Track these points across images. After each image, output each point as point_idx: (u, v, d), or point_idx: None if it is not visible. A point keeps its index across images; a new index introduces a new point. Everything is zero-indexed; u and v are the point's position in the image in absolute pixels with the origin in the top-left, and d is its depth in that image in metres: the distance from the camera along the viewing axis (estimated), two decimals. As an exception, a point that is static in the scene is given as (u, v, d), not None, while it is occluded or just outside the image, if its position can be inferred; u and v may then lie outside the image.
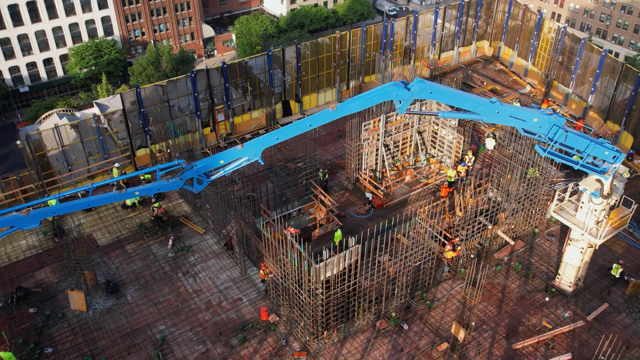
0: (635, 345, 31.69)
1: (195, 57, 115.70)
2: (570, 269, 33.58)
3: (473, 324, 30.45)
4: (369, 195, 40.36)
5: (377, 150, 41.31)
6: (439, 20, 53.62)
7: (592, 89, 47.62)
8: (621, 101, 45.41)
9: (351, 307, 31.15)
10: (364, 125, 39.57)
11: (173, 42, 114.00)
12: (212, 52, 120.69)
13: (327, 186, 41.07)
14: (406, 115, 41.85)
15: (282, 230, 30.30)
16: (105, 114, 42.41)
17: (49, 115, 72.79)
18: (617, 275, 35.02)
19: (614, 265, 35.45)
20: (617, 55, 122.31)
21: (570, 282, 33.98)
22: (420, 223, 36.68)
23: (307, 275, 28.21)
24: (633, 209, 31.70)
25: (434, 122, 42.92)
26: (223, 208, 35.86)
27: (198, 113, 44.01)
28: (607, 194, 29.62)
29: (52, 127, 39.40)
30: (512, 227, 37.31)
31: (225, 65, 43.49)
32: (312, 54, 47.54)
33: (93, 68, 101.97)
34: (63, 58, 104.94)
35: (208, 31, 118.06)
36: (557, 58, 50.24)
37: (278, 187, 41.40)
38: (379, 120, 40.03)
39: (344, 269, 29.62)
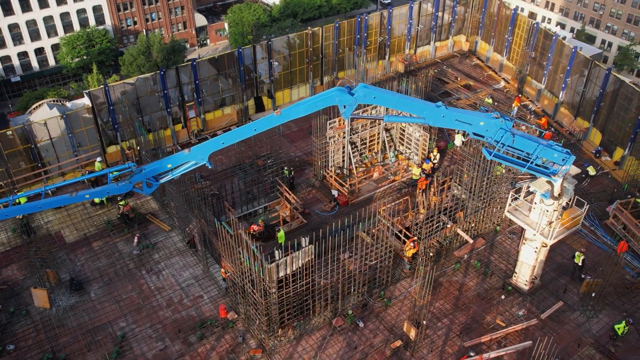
0: (587, 343, 32.24)
1: (188, 46, 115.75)
2: (526, 267, 34.06)
3: (424, 322, 31.04)
4: (335, 192, 40.82)
5: (343, 147, 41.68)
6: (414, 15, 53.67)
7: (563, 86, 47.77)
8: (590, 98, 45.56)
9: (306, 306, 31.76)
10: (329, 123, 39.91)
11: (165, 31, 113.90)
12: (205, 41, 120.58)
13: (293, 183, 41.52)
14: (372, 111, 42.15)
15: (239, 230, 30.86)
16: (79, 109, 42.68)
17: (39, 105, 73.28)
18: (580, 263, 35.53)
19: (577, 253, 36.04)
20: (610, 45, 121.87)
21: (526, 281, 34.47)
22: (381, 221, 37.28)
23: (258, 275, 28.78)
24: (585, 209, 32.07)
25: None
26: (185, 206, 36.38)
27: (168, 110, 44.40)
28: (558, 195, 30.05)
29: (42, 120, 39.86)
30: (472, 225, 37.76)
31: (194, 63, 43.80)
32: (284, 50, 47.75)
33: (85, 58, 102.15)
34: (55, 48, 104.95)
35: (200, 20, 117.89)
36: (530, 54, 50.34)
37: (245, 184, 41.88)
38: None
39: (298, 268, 30.21)
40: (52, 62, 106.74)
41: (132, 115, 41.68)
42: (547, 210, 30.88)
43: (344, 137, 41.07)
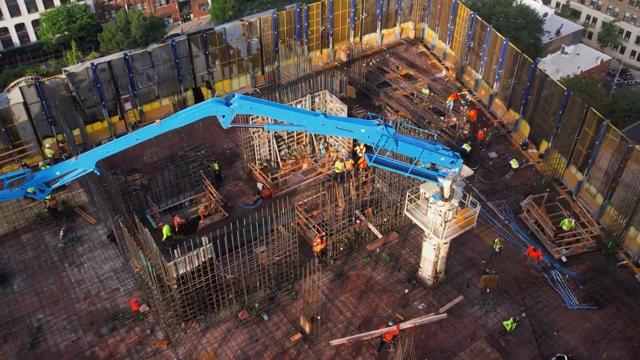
0: (480, 336, 33.61)
1: (171, 20, 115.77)
2: (428, 263, 35.27)
3: (319, 317, 32.48)
4: (259, 185, 41.93)
5: (269, 141, 42.63)
6: (357, 3, 53.82)
7: (497, 77, 48.22)
8: (520, 91, 46.05)
9: (209, 301, 33.22)
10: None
11: (148, 5, 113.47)
12: (188, 16, 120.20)
13: (221, 176, 42.63)
14: (297, 106, 42.95)
15: (141, 226, 32.22)
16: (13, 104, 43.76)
17: (17, 83, 74.26)
18: (497, 250, 36.64)
19: (495, 240, 37.13)
20: (594, 20, 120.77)
21: (429, 276, 35.71)
22: (298, 215, 38.50)
23: (152, 274, 30.19)
24: (478, 209, 33.05)
25: (330, 112, 44.03)
26: (106, 200, 37.66)
27: (103, 103, 45.38)
28: (448, 197, 31.03)
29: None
30: (385, 220, 38.86)
31: (127, 57, 44.59)
32: (220, 42, 48.32)
33: (65, 34, 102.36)
34: (35, 23, 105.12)
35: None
36: (468, 44, 50.65)
37: (175, 177, 43.00)
38: (268, 113, 41.17)
39: (199, 266, 31.63)
40: (33, 38, 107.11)
41: (66, 108, 42.84)
42: (440, 211, 31.92)
43: (268, 131, 41.96)
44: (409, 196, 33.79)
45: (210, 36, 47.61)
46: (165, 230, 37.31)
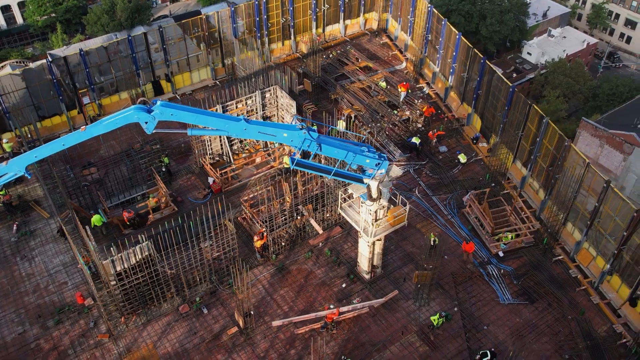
0: (411, 330, 34.74)
1: (159, 1, 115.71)
2: (363, 258, 36.29)
3: (252, 313, 33.68)
4: (210, 180, 42.86)
5: (220, 136, 43.43)
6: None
7: (451, 70, 48.66)
8: (471, 85, 46.53)
9: (149, 295, 34.45)
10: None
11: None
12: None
13: (171, 171, 43.55)
14: (247, 102, 43.73)
15: (80, 226, 33.32)
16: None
17: (2, 67, 75.00)
18: (432, 243, 37.65)
19: (432, 235, 38.10)
20: (584, 2, 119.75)
21: (366, 271, 36.74)
22: (243, 210, 39.50)
23: (86, 272, 31.40)
24: (407, 208, 33.92)
25: (280, 109, 44.79)
26: (57, 195, 38.78)
27: (61, 98, 46.19)
28: (375, 197, 31.91)
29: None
30: (328, 215, 39.81)
31: (82, 52, 45.27)
32: (178, 35, 48.85)
33: (52, 16, 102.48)
34: (22, 5, 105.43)
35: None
36: (426, 36, 50.97)
37: (130, 171, 43.96)
38: (216, 109, 41.97)
39: (137, 262, 32.79)
40: (19, 20, 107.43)
41: (22, 103, 43.70)
42: (370, 210, 32.81)
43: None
44: (341, 195, 34.68)
45: (167, 30, 48.14)
46: (94, 219, 38.54)
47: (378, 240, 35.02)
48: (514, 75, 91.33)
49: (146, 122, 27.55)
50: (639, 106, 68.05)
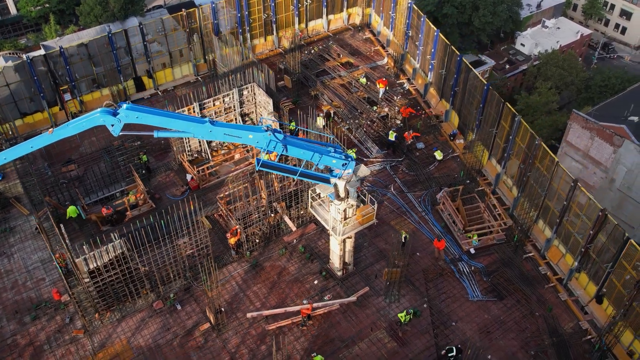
0: (381, 326, 35.37)
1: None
2: (335, 255, 36.86)
3: (223, 309, 34.33)
4: (189, 176, 43.37)
5: (199, 133, 43.79)
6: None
7: (431, 67, 48.90)
8: (449, 81, 46.81)
9: (122, 292, 35.12)
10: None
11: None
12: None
13: (150, 168, 44.03)
14: (225, 99, 44.12)
15: (55, 225, 33.93)
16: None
17: None
18: (403, 240, 38.18)
19: (402, 231, 38.58)
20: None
21: (338, 268, 37.32)
22: (219, 207, 40.04)
23: (60, 270, 32.04)
24: (375, 207, 34.42)
25: (258, 106, 45.19)
26: (36, 192, 39.39)
27: (42, 95, 46.63)
28: (343, 196, 32.40)
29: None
30: (302, 212, 40.32)
31: (62, 50, 45.63)
32: (158, 32, 49.13)
33: (46, 6, 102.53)
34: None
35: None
36: (407, 32, 51.15)
37: (108, 168, 44.46)
38: (193, 107, 42.40)
39: (110, 260, 33.42)
40: (13, 10, 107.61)
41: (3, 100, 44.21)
42: (339, 209, 33.31)
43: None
44: (310, 194, 35.18)
45: (147, 26, 48.42)
46: (69, 210, 39.44)
47: (348, 238, 35.56)
48: (507, 66, 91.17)
49: (112, 125, 28.08)
50: (630, 98, 67.88)
